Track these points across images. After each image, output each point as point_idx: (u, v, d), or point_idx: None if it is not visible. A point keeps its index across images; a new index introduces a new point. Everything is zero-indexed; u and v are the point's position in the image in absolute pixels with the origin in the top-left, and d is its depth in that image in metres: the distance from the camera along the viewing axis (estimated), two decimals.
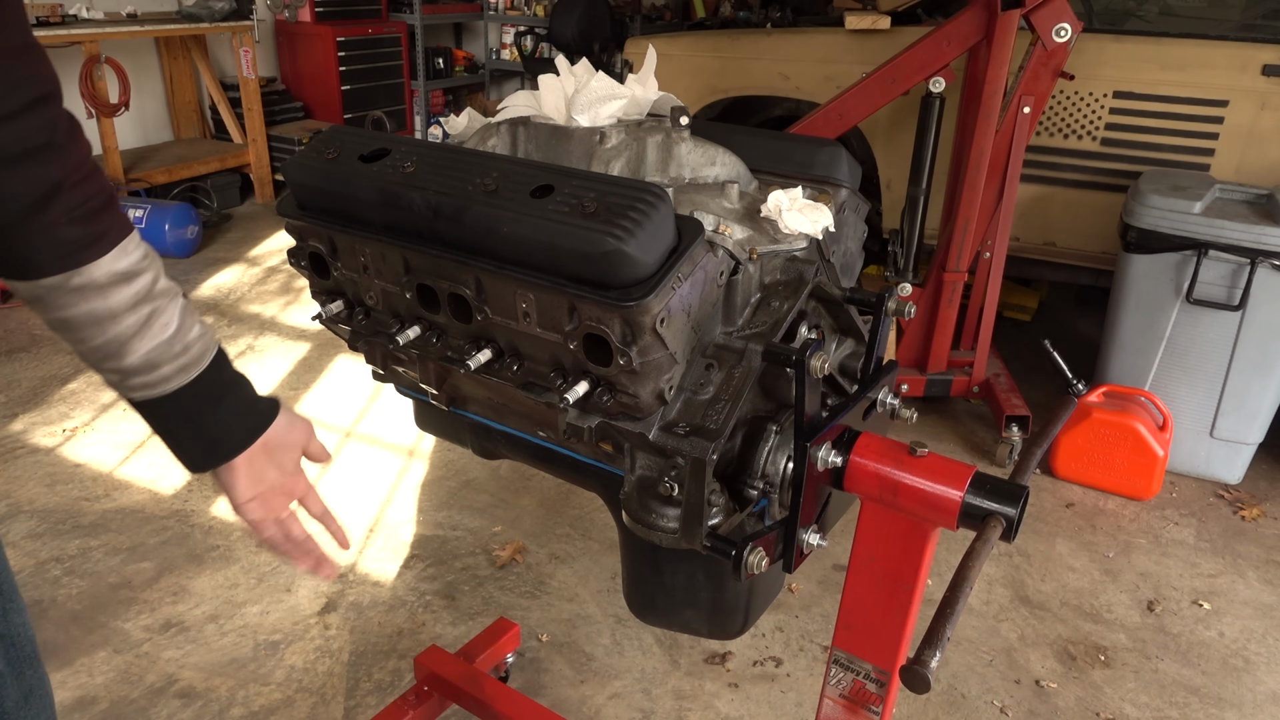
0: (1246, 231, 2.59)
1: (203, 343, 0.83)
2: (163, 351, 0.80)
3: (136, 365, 0.80)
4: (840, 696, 1.14)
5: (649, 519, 1.01)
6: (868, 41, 3.46)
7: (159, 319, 0.79)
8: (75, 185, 0.72)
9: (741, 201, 1.09)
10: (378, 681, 2.04)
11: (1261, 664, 2.21)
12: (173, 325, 0.81)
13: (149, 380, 0.81)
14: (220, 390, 0.86)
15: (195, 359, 0.83)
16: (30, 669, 0.92)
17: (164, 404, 0.83)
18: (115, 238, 0.75)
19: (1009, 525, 0.91)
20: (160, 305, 0.79)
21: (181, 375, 0.82)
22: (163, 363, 0.81)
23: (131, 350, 0.79)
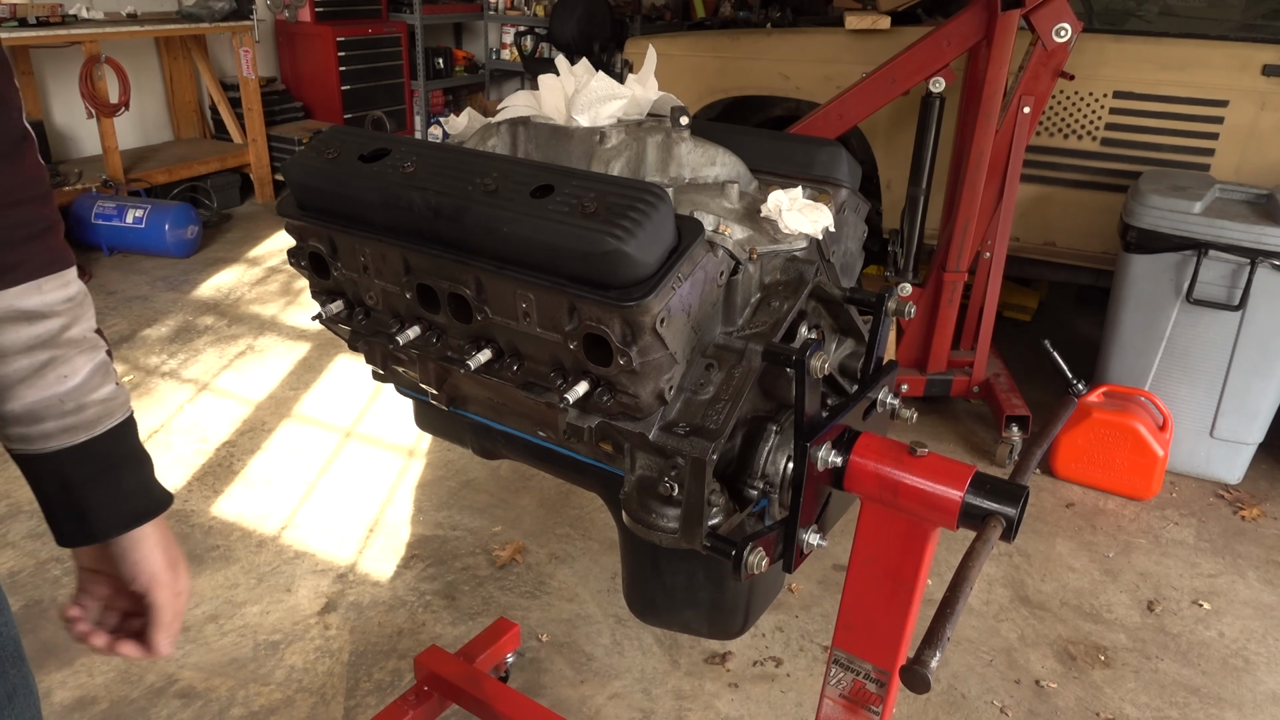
0: (1246, 231, 2.59)
1: (102, 407, 0.76)
2: (50, 406, 0.74)
3: (17, 413, 0.74)
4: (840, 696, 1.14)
5: (649, 519, 1.01)
6: (868, 41, 3.46)
7: (56, 369, 0.73)
8: (13, 200, 0.67)
9: (741, 201, 1.09)
10: (378, 681, 2.04)
11: (1261, 664, 2.21)
12: (73, 380, 0.74)
13: (26, 433, 0.74)
14: (110, 463, 0.78)
15: (87, 422, 0.75)
16: (14, 668, 0.90)
17: (38, 462, 0.76)
18: (30, 273, 0.70)
19: (1009, 525, 0.91)
20: (62, 355, 0.73)
21: (65, 436, 0.75)
22: (47, 418, 0.74)
23: (15, 396, 0.73)
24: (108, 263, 4.49)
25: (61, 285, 0.72)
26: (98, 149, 4.81)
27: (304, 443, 2.99)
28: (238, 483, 2.76)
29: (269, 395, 3.29)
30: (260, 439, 3.00)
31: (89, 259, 4.48)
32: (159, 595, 0.83)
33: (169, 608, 0.84)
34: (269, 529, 2.55)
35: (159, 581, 0.83)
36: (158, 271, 4.42)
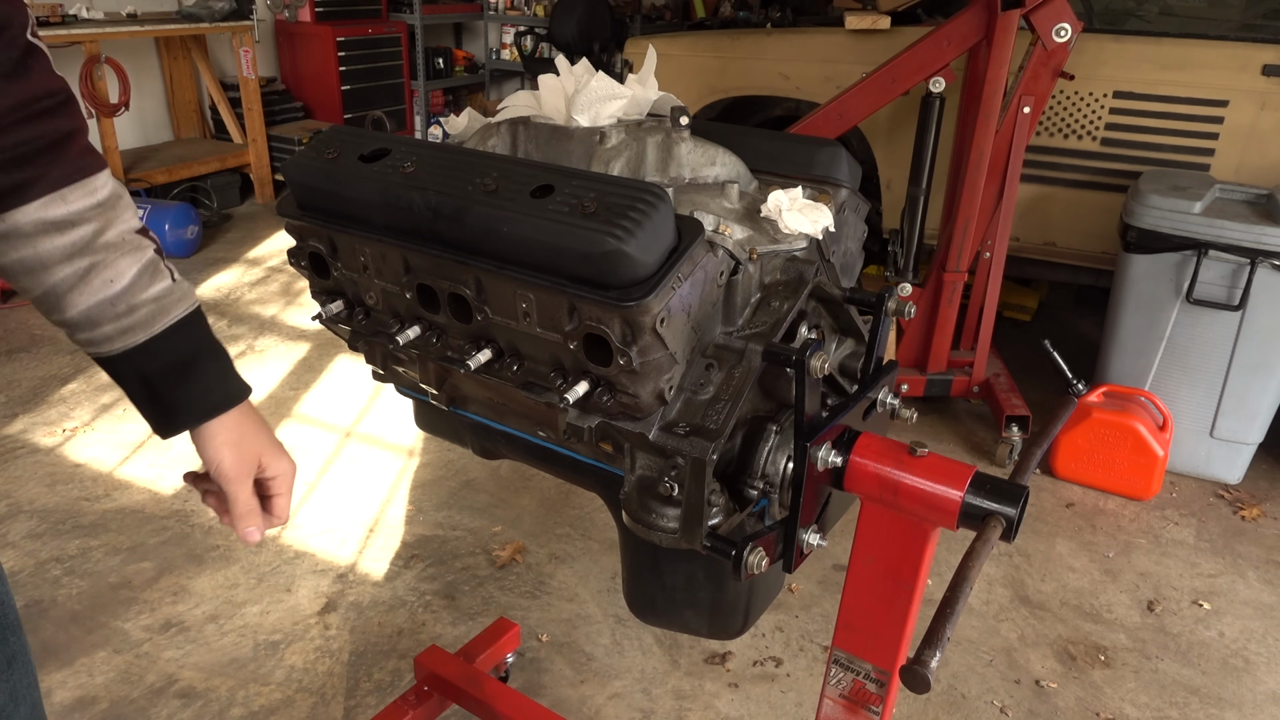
0: (1246, 231, 2.59)
1: (155, 306, 0.78)
2: (103, 310, 0.75)
3: (76, 320, 0.76)
4: (840, 696, 1.14)
5: (649, 519, 1.01)
6: (868, 41, 3.46)
7: (100, 274, 0.74)
8: (9, 127, 0.68)
9: (741, 201, 1.09)
10: (378, 681, 2.04)
11: (1261, 664, 2.21)
12: (119, 283, 0.75)
13: (91, 337, 0.77)
14: (178, 358, 0.80)
15: (143, 322, 0.77)
16: (13, 635, 0.91)
17: (111, 363, 0.80)
18: (52, 184, 0.71)
19: (1009, 525, 0.91)
20: (103, 259, 0.74)
21: (124, 338, 0.77)
22: (102, 321, 0.76)
23: (68, 304, 0.75)
24: None
25: (87, 193, 0.73)
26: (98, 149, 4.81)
27: (304, 443, 2.99)
28: None
29: (269, 395, 3.29)
30: None
31: None
32: (227, 488, 0.87)
33: (238, 500, 0.88)
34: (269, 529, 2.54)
35: (225, 476, 0.86)
36: None
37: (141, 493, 2.68)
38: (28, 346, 3.57)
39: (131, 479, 2.75)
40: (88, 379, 3.33)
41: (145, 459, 2.86)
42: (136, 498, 2.66)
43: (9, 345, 3.58)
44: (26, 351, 3.53)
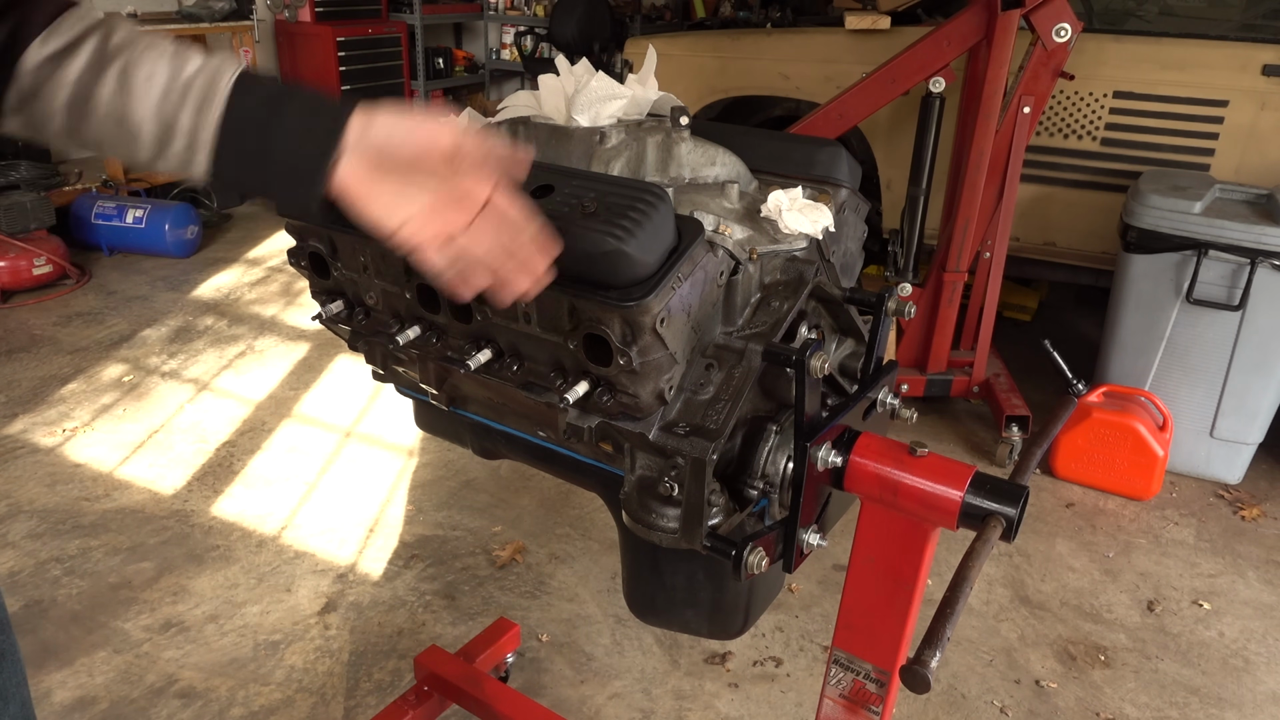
0: (1246, 231, 2.59)
1: (206, 75, 0.72)
2: (164, 105, 0.71)
3: (158, 134, 0.71)
4: (840, 696, 1.14)
5: (649, 519, 1.01)
6: (868, 41, 3.46)
7: (136, 73, 0.71)
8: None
9: (741, 201, 1.09)
10: (378, 681, 2.04)
11: (1261, 664, 2.21)
12: (158, 75, 0.71)
13: (184, 144, 0.71)
14: (264, 117, 0.72)
15: (205, 95, 0.71)
16: (2, 634, 0.91)
17: (221, 162, 0.72)
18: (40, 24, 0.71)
19: (1009, 525, 0.91)
20: (128, 59, 0.71)
21: (203, 120, 0.71)
22: (175, 116, 0.71)
23: (138, 121, 0.71)
24: (107, 263, 4.49)
25: (78, 19, 0.72)
26: None
27: (304, 443, 2.99)
28: (238, 483, 2.76)
29: (269, 395, 3.29)
30: (260, 439, 3.00)
31: (89, 259, 4.48)
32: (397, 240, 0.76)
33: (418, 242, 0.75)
34: (269, 529, 2.55)
35: (385, 229, 0.76)
36: (158, 271, 4.42)
37: (141, 493, 2.68)
38: (28, 346, 3.57)
39: (131, 479, 2.75)
40: (88, 379, 3.33)
41: (145, 459, 2.86)
42: (136, 498, 2.66)
43: (9, 345, 3.58)
44: (26, 351, 3.53)
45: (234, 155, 0.72)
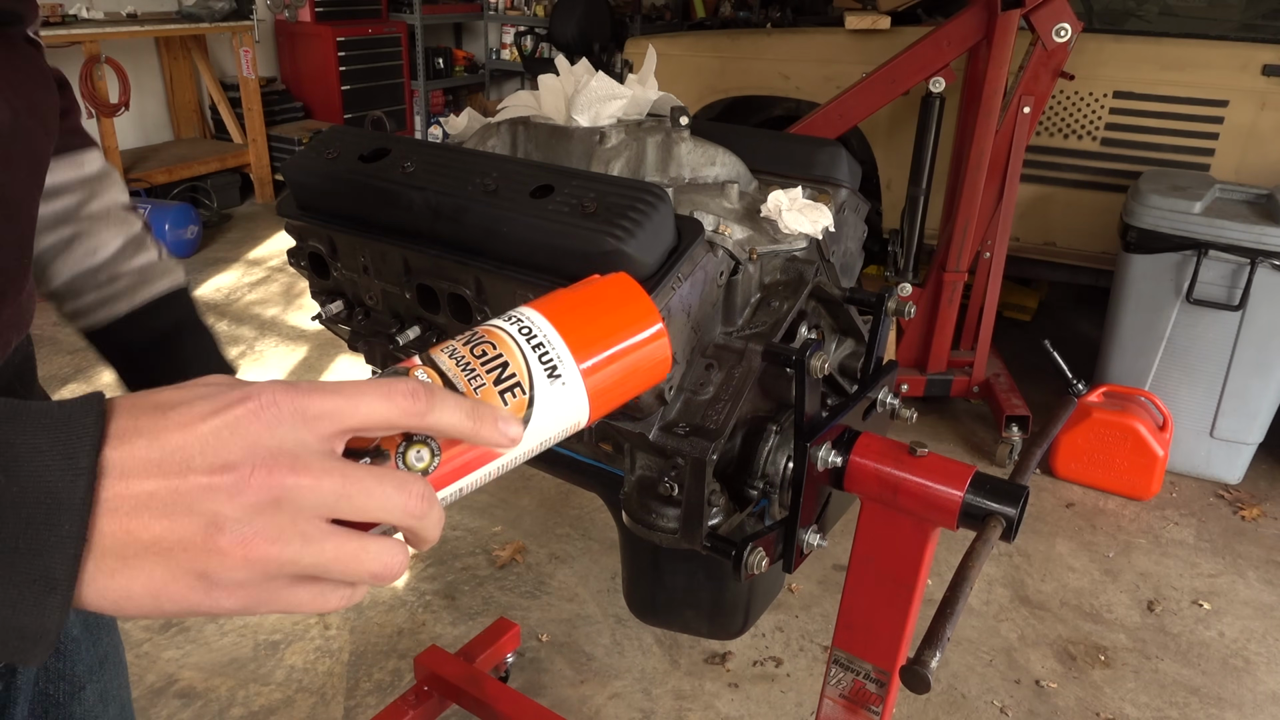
0: (1246, 231, 2.59)
1: (138, 277, 0.78)
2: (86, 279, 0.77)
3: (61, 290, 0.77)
4: (840, 696, 1.14)
5: (649, 519, 1.01)
6: (868, 41, 3.46)
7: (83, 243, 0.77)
8: None
9: (741, 201, 1.09)
10: (378, 681, 2.04)
11: (1261, 664, 2.21)
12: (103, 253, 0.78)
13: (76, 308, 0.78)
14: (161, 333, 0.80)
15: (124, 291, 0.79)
16: (107, 635, 0.91)
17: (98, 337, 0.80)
18: None
19: (1009, 525, 0.91)
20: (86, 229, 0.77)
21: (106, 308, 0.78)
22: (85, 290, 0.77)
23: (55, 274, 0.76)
24: None
25: (74, 167, 0.75)
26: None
27: None
28: None
29: None
30: None
31: None
32: None
33: None
34: None
35: None
36: None
37: None
38: None
39: None
40: (87, 379, 3.33)
41: None
42: None
43: None
44: None
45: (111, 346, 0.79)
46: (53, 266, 0.76)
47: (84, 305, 0.79)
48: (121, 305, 0.79)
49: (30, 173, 0.69)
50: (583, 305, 0.55)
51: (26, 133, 0.68)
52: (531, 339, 0.51)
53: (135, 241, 0.80)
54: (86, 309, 0.79)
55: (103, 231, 0.77)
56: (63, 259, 0.77)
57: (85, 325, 0.80)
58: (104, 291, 0.78)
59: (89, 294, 0.78)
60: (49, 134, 0.71)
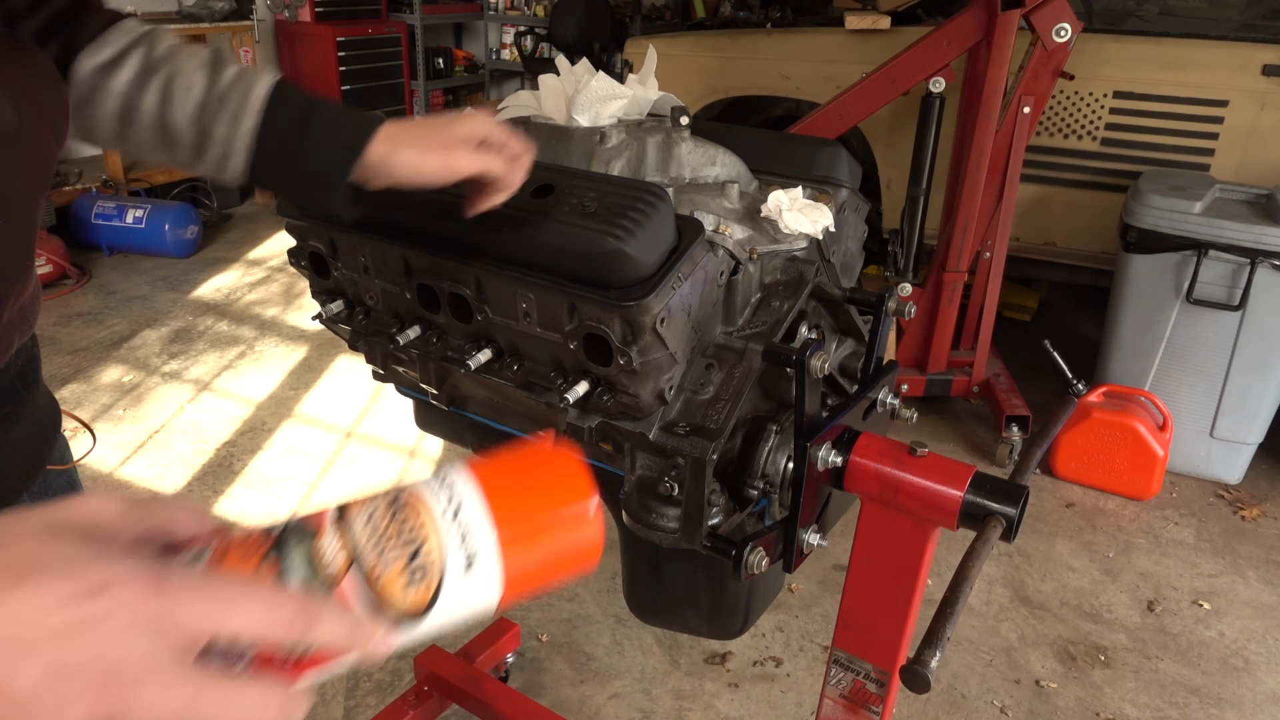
0: (1246, 231, 2.58)
1: (240, 87, 0.77)
2: (202, 114, 0.77)
3: (194, 140, 0.77)
4: (840, 696, 1.14)
5: (649, 519, 1.01)
6: (868, 41, 3.46)
7: (176, 83, 0.77)
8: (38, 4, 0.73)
9: (742, 201, 1.09)
10: (378, 681, 2.04)
11: (1261, 664, 2.21)
12: (196, 85, 0.77)
13: (220, 150, 0.77)
14: (296, 127, 0.78)
15: (239, 106, 0.77)
16: None
17: (255, 168, 0.78)
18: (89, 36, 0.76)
19: (1009, 525, 0.91)
20: (170, 70, 0.77)
21: (237, 130, 0.77)
22: (211, 125, 0.77)
23: (176, 128, 0.77)
24: (108, 263, 4.49)
25: (123, 33, 0.78)
26: (98, 149, 4.82)
27: (304, 443, 2.99)
28: (238, 483, 2.76)
29: (269, 395, 3.29)
30: (261, 439, 3.00)
31: (89, 259, 4.48)
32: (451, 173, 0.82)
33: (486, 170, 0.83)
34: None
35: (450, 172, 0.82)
36: (158, 272, 4.42)
37: (142, 493, 2.68)
38: None
39: (131, 479, 2.75)
40: (88, 379, 3.33)
41: (145, 459, 2.86)
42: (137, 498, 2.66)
43: None
44: None
45: (267, 163, 0.78)
46: (171, 124, 0.77)
47: (220, 138, 0.77)
48: (248, 117, 0.77)
49: (34, 175, 0.69)
50: (522, 486, 0.50)
51: (32, 135, 0.68)
52: (458, 520, 0.46)
53: (214, 60, 0.80)
54: (224, 139, 0.77)
55: (183, 65, 0.78)
56: (171, 109, 0.77)
57: (234, 158, 0.78)
58: (226, 112, 0.77)
59: (219, 127, 0.77)
60: (58, 137, 0.72)
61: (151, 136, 0.78)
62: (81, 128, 0.77)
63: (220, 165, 0.78)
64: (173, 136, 0.77)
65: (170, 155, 0.79)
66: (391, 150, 0.78)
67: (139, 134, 0.78)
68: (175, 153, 0.78)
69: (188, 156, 0.78)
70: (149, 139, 0.78)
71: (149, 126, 0.77)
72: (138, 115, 0.77)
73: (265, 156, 0.77)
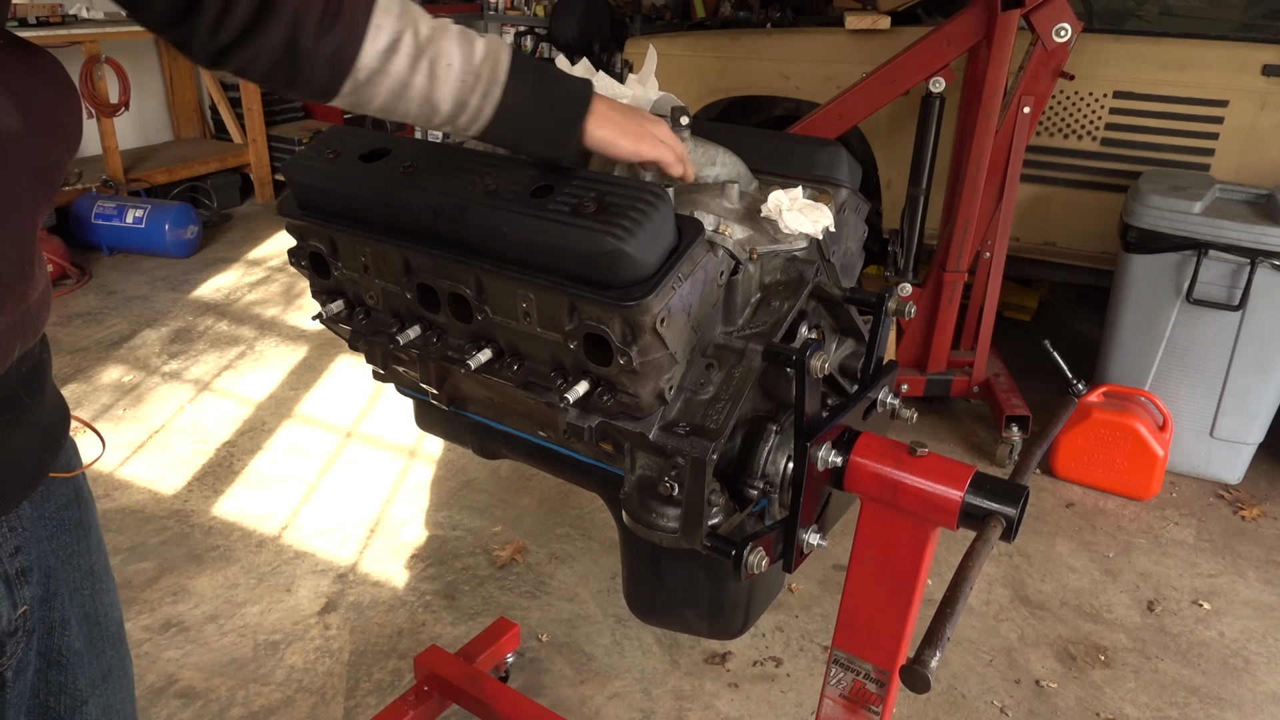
0: (1246, 231, 2.59)
1: (490, 62, 0.88)
2: (460, 89, 0.87)
3: (452, 111, 0.88)
4: (840, 696, 1.14)
5: (649, 519, 1.01)
6: (868, 41, 3.46)
7: (440, 63, 0.85)
8: (307, 4, 0.78)
9: (742, 201, 1.09)
10: (378, 681, 2.04)
11: (1261, 664, 2.21)
12: (455, 62, 0.86)
13: (469, 117, 0.88)
14: (531, 97, 0.90)
15: (491, 80, 0.88)
16: (112, 649, 0.91)
17: (493, 129, 0.90)
18: (362, 22, 0.81)
19: (1009, 525, 0.91)
20: (434, 51, 0.85)
21: (487, 100, 0.88)
22: (467, 97, 0.87)
23: (439, 101, 0.86)
24: (108, 263, 4.49)
25: (384, 10, 0.83)
26: (98, 149, 4.82)
27: (304, 443, 2.99)
28: (238, 483, 2.76)
29: (269, 395, 3.29)
30: (260, 439, 3.00)
31: (89, 259, 4.48)
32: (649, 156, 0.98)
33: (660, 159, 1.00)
34: (269, 529, 2.55)
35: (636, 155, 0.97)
36: (158, 271, 4.42)
37: (141, 493, 2.68)
38: None
39: (131, 479, 2.75)
40: (88, 379, 3.33)
41: (145, 459, 2.86)
42: (136, 498, 2.66)
43: None
44: None
45: (504, 124, 0.90)
46: (435, 97, 0.86)
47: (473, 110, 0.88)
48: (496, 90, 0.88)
49: (36, 181, 0.68)
50: None
51: (36, 141, 0.67)
52: None
53: (463, 36, 0.87)
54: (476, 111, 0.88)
55: (442, 43, 0.85)
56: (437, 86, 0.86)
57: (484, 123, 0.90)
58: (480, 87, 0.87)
59: (473, 98, 0.87)
60: (68, 142, 0.71)
61: (416, 107, 0.87)
62: (356, 103, 0.86)
63: (466, 127, 0.90)
64: (435, 108, 0.87)
65: (425, 121, 0.89)
66: (594, 125, 0.93)
67: (405, 106, 0.87)
68: (432, 119, 0.89)
69: (441, 121, 0.89)
70: (413, 110, 0.87)
71: (416, 101, 0.86)
72: (409, 92, 0.86)
73: (502, 121, 0.90)
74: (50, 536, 0.83)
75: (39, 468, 0.79)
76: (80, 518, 0.88)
